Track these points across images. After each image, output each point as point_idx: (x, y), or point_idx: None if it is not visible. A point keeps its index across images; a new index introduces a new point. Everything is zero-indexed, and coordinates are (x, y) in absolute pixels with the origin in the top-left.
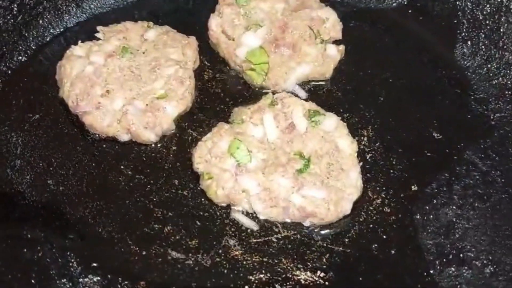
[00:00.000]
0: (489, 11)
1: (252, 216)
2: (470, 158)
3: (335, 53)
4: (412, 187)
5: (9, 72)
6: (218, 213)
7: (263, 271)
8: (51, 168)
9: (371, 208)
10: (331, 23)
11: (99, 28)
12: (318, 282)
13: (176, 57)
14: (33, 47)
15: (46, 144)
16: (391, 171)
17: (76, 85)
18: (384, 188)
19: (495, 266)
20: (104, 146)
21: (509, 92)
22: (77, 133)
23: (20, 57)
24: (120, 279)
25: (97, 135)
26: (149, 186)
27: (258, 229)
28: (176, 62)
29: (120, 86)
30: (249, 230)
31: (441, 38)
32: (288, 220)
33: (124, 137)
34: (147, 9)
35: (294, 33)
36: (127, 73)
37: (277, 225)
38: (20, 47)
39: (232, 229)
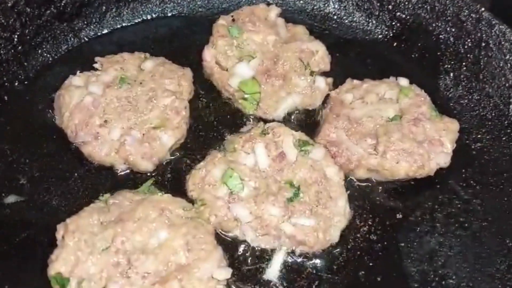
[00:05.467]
0: (470, 45)
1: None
2: (452, 187)
3: (323, 85)
4: (397, 215)
5: (8, 100)
6: None
7: None
8: (48, 198)
9: (358, 235)
10: (320, 55)
11: (97, 59)
12: None
13: (172, 88)
14: (32, 76)
15: (44, 173)
16: (377, 199)
17: (75, 115)
18: (370, 216)
19: None
20: (101, 174)
21: (489, 123)
22: (75, 161)
23: (19, 86)
24: None
25: (95, 164)
26: None
27: None
28: (172, 92)
29: (118, 116)
30: (241, 258)
31: (425, 69)
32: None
33: (121, 167)
34: (140, 37)
35: (285, 64)
36: (125, 103)
37: (268, 252)
38: (20, 76)
39: (225, 257)
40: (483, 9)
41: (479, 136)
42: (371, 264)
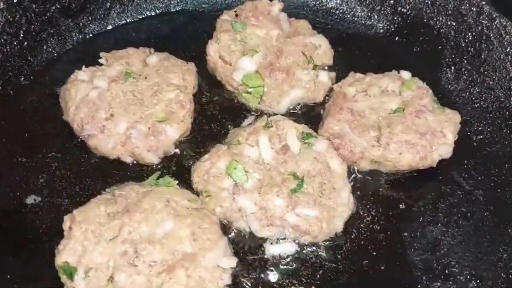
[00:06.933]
0: (471, 38)
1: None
2: (455, 178)
3: (326, 79)
4: (400, 205)
5: (14, 95)
6: None
7: (260, 287)
8: (55, 190)
9: (361, 225)
10: (323, 49)
11: (102, 54)
12: None
13: (177, 82)
14: (37, 71)
15: (51, 167)
16: (380, 190)
17: (81, 109)
18: (374, 207)
19: (478, 281)
20: (107, 167)
21: (490, 115)
22: (81, 155)
23: (25, 81)
24: None
25: (101, 157)
26: None
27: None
28: (177, 86)
29: (124, 110)
30: (246, 248)
31: (426, 63)
32: (284, 238)
33: (127, 159)
34: (145, 33)
35: (288, 58)
36: (130, 97)
37: (272, 242)
38: (25, 72)
39: (230, 247)
40: (483, 2)
41: (480, 128)
42: (374, 253)
